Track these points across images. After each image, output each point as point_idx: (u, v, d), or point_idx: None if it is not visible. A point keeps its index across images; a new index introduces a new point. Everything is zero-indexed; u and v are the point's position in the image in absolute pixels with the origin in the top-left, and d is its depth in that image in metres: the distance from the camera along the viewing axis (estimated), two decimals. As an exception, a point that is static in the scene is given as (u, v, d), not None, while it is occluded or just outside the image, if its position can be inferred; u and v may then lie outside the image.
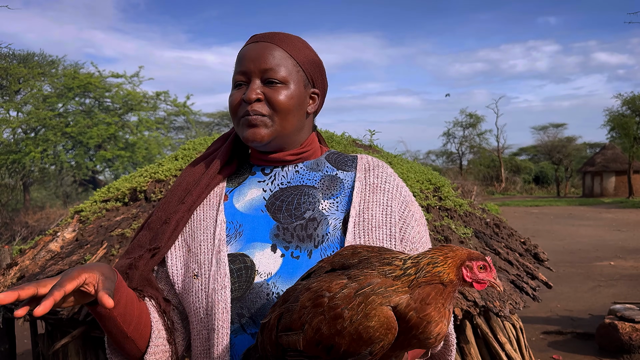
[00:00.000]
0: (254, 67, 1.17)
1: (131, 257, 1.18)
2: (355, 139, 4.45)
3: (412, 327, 0.84)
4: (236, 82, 1.20)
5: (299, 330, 0.88)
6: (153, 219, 1.22)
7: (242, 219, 1.21)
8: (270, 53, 1.18)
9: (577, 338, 5.76)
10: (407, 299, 0.84)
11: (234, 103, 1.20)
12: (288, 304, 0.94)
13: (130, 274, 1.15)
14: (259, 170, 1.27)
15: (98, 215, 3.25)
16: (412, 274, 0.87)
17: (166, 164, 3.63)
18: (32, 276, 2.77)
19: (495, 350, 3.06)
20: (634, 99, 28.90)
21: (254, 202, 1.23)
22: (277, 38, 1.21)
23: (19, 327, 5.32)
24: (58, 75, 17.70)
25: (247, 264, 1.14)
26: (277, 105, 1.17)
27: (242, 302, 1.12)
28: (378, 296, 0.84)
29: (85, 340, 2.87)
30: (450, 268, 0.87)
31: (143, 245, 1.20)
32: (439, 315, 0.85)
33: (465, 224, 3.33)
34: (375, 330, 0.82)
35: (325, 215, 1.20)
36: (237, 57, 1.23)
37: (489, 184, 39.92)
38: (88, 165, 17.36)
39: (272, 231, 1.18)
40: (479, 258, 0.90)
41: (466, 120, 41.90)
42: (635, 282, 8.23)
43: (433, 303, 0.85)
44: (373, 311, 0.82)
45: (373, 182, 1.25)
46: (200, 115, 25.01)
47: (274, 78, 1.17)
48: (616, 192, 32.13)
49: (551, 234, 14.47)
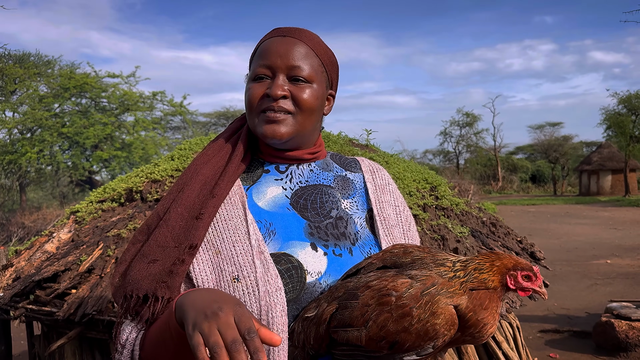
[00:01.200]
0: (281, 62, 1.13)
1: (158, 261, 1.05)
2: (352, 139, 4.45)
3: (470, 326, 0.91)
4: (257, 75, 1.15)
5: (362, 327, 0.93)
6: (172, 215, 1.10)
7: (271, 218, 1.15)
8: (299, 50, 1.15)
9: (574, 336, 5.77)
10: (467, 301, 0.91)
11: (255, 96, 1.14)
12: (342, 300, 0.97)
13: (170, 282, 1.03)
14: (272, 167, 1.24)
15: (94, 216, 3.24)
16: (462, 277, 0.93)
17: (162, 164, 3.62)
18: (27, 277, 2.76)
19: (492, 349, 3.06)
20: (630, 97, 28.97)
21: (277, 200, 1.19)
22: (304, 35, 1.19)
23: (15, 329, 5.30)
24: (54, 75, 17.65)
25: (294, 264, 1.09)
26: (302, 103, 1.14)
27: (297, 304, 1.07)
28: (443, 296, 0.90)
29: (82, 341, 2.86)
30: (495, 275, 0.94)
31: (167, 245, 1.07)
32: (494, 319, 0.93)
33: (461, 223, 3.33)
34: (442, 326, 0.89)
35: (349, 214, 1.22)
36: (259, 49, 1.18)
37: (486, 182, 39.98)
38: (84, 165, 17.31)
39: (306, 229, 1.15)
40: (525, 268, 0.94)
41: (463, 120, 41.94)
42: (632, 280, 8.25)
43: (489, 308, 0.92)
44: (440, 310, 0.89)
45: (380, 183, 1.30)
46: (197, 115, 24.99)
47: (300, 76, 1.14)
48: (613, 191, 32.20)
49: (548, 233, 14.49)
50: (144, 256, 1.07)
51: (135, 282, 1.04)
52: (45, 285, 2.71)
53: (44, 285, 2.71)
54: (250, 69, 1.21)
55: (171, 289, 1.03)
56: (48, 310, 2.59)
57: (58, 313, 2.52)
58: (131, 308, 1.04)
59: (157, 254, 1.06)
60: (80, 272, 2.72)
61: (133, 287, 1.04)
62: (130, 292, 1.04)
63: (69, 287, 2.66)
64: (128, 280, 1.05)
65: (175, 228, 1.09)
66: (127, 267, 1.09)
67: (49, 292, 2.65)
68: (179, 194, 1.14)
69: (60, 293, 2.64)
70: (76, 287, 2.67)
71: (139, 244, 1.12)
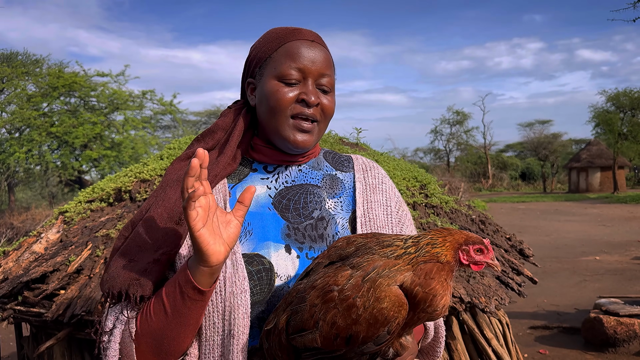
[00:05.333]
0: (315, 69, 1.14)
1: (135, 261, 1.06)
2: (342, 137, 4.45)
3: (419, 301, 0.89)
4: (288, 76, 1.13)
5: (314, 329, 0.91)
6: (153, 216, 1.10)
7: (250, 217, 1.15)
8: (327, 58, 1.17)
9: (564, 332, 5.82)
10: (411, 276, 0.89)
11: (287, 99, 1.12)
12: (293, 306, 0.95)
13: (143, 280, 1.04)
14: (261, 167, 1.23)
15: (82, 216, 3.22)
16: (413, 253, 0.91)
17: (151, 164, 3.60)
18: (15, 278, 2.73)
19: (482, 346, 3.08)
20: (618, 95, 29.25)
21: (259, 199, 1.18)
22: (323, 42, 1.20)
23: (3, 330, 5.27)
24: (42, 74, 17.49)
25: (265, 266, 1.09)
26: (328, 112, 1.16)
27: (263, 306, 1.07)
28: (384, 278, 0.88)
29: (71, 342, 2.84)
30: (448, 250, 0.92)
31: (145, 247, 1.07)
32: (443, 288, 0.90)
33: (451, 220, 3.35)
34: (389, 310, 0.87)
35: (332, 214, 1.20)
36: (285, 49, 1.15)
37: (476, 180, 40.19)
38: (74, 165, 17.18)
39: (283, 231, 1.15)
40: (477, 242, 0.94)
41: (453, 118, 42.16)
42: (620, 277, 8.33)
43: (436, 277, 0.90)
44: (383, 293, 0.87)
45: (372, 182, 1.27)
46: (187, 114, 24.90)
47: (327, 85, 1.16)
48: (601, 188, 32.49)
49: (537, 230, 14.59)
50: (123, 255, 1.08)
51: (112, 279, 1.06)
52: (33, 286, 2.69)
53: (32, 286, 2.69)
54: (269, 66, 1.16)
55: (143, 287, 1.03)
56: (36, 311, 2.57)
57: (47, 314, 2.50)
58: (108, 305, 1.07)
59: (135, 254, 1.07)
60: (69, 272, 2.70)
61: (110, 285, 1.05)
62: (107, 289, 1.06)
63: (58, 287, 2.64)
64: (106, 279, 1.07)
65: (155, 229, 1.08)
66: (109, 262, 1.11)
67: (37, 293, 2.63)
68: (162, 194, 1.13)
69: (48, 294, 2.62)
70: (65, 288, 2.65)
71: (123, 239, 1.12)
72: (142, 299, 1.04)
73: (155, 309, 1.03)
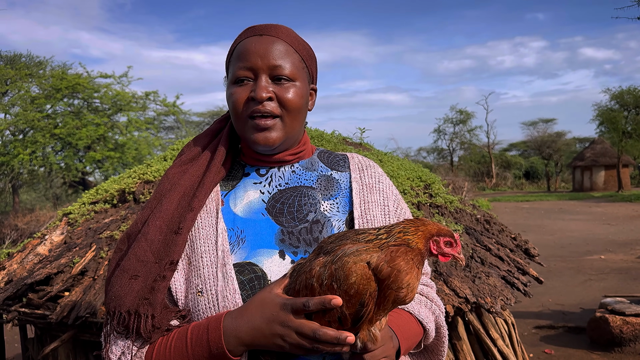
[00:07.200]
0: (262, 63, 1.09)
1: (139, 277, 1.03)
2: (346, 137, 4.44)
3: (385, 277, 0.92)
4: (238, 78, 1.11)
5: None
6: (151, 228, 1.07)
7: (243, 224, 1.13)
8: (278, 48, 1.11)
9: (569, 332, 5.79)
10: (378, 255, 0.93)
11: (240, 101, 1.10)
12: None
13: (152, 298, 1.02)
14: (253, 170, 1.21)
15: (86, 218, 3.22)
16: (384, 239, 0.95)
17: (155, 165, 3.60)
18: (19, 280, 2.73)
19: (487, 346, 3.06)
20: (622, 93, 29.12)
21: (252, 205, 1.16)
22: (281, 32, 1.14)
23: (8, 332, 5.27)
24: (46, 76, 17.52)
25: (257, 274, 1.07)
26: (288, 104, 1.10)
27: None
28: (350, 257, 0.92)
29: (75, 344, 2.84)
30: (419, 239, 0.96)
31: (147, 260, 1.04)
32: (408, 265, 0.93)
33: (456, 220, 3.33)
34: (358, 284, 0.91)
35: (327, 216, 1.17)
36: (236, 51, 1.14)
37: (480, 179, 40.11)
38: (78, 166, 17.19)
39: (277, 236, 1.12)
40: (447, 234, 0.98)
41: (456, 117, 42.02)
42: (625, 275, 8.29)
43: (402, 256, 0.93)
44: (349, 269, 0.91)
45: (368, 182, 1.24)
46: (190, 114, 24.93)
47: (283, 75, 1.10)
48: (606, 186, 32.37)
49: (542, 229, 14.54)
50: (125, 271, 1.05)
51: (117, 298, 1.02)
52: (38, 288, 2.69)
53: (37, 288, 2.69)
54: (228, 72, 1.16)
55: (153, 306, 1.02)
56: (41, 313, 2.56)
57: (51, 316, 2.50)
58: (116, 325, 1.03)
59: (138, 270, 1.04)
60: (73, 274, 2.70)
61: (116, 304, 1.02)
62: (114, 308, 1.03)
63: (62, 289, 2.64)
64: (111, 297, 1.03)
65: (155, 242, 1.06)
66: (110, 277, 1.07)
67: (41, 295, 2.63)
68: (158, 205, 1.11)
69: (53, 296, 2.62)
70: (69, 290, 2.65)
71: (121, 252, 1.10)
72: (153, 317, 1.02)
73: (176, 344, 1.01)
